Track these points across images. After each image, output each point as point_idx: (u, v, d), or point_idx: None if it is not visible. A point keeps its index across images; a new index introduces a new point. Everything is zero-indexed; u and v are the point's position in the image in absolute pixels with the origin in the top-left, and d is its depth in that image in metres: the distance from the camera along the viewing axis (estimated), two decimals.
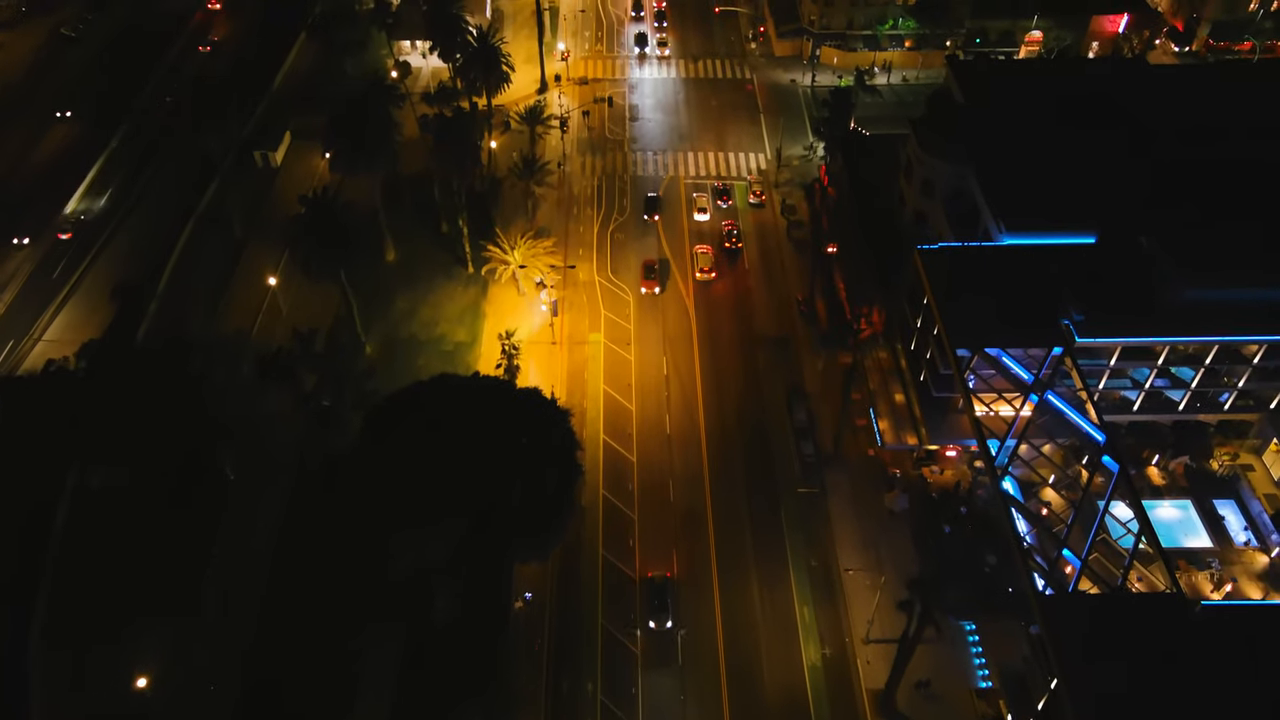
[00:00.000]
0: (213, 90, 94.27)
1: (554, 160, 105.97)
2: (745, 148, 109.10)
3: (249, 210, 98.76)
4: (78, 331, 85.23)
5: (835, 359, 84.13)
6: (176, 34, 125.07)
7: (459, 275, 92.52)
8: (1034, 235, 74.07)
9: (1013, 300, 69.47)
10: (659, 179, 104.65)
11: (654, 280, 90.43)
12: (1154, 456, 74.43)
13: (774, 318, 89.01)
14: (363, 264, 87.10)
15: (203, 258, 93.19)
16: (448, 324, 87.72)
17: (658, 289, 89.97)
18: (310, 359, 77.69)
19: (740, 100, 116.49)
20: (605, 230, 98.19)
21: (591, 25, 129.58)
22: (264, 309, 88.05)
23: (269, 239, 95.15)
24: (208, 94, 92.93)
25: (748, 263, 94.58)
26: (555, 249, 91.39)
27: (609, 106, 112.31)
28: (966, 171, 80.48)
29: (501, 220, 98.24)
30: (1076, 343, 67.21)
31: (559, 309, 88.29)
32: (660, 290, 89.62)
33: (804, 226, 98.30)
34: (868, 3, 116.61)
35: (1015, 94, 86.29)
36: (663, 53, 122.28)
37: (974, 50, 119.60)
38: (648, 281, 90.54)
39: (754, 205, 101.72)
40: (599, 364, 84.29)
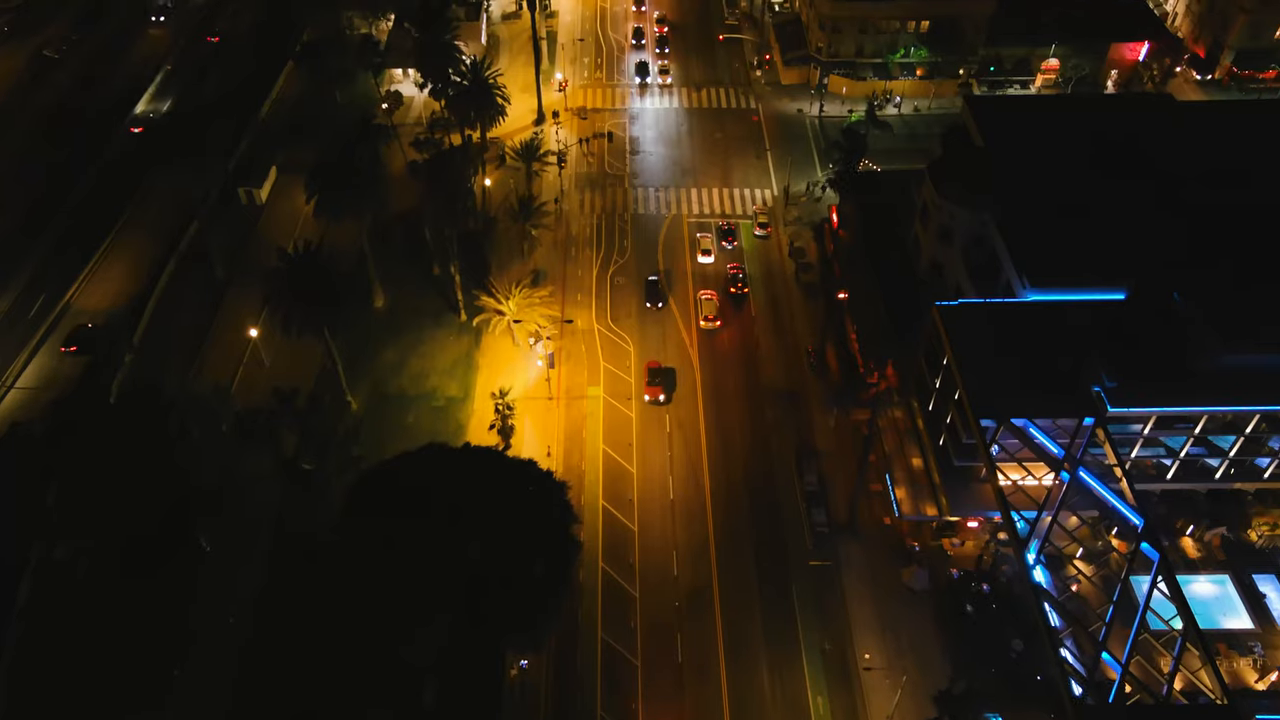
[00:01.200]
0: (191, 124, 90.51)
1: (551, 197, 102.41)
2: (751, 183, 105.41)
3: (232, 250, 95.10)
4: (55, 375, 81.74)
5: (848, 416, 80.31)
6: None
7: (451, 323, 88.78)
8: (1059, 291, 70.36)
9: (1039, 363, 65.85)
10: (661, 217, 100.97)
11: (659, 387, 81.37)
12: (1188, 527, 70.64)
13: (782, 369, 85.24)
14: (349, 311, 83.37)
15: (182, 303, 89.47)
16: (439, 377, 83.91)
17: (662, 396, 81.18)
18: (292, 419, 74.12)
19: (745, 132, 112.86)
20: (605, 273, 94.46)
21: (591, 52, 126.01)
22: (245, 360, 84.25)
23: (252, 282, 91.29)
24: (186, 128, 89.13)
25: (754, 309, 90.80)
26: (552, 297, 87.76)
27: (609, 142, 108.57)
28: (986, 220, 76.86)
29: (496, 262, 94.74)
30: (1108, 412, 63.41)
31: (556, 360, 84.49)
32: (665, 400, 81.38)
33: (813, 269, 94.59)
34: (878, 30, 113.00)
35: (1035, 134, 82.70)
36: (664, 81, 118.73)
37: (988, 79, 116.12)
38: (652, 388, 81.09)
39: (759, 237, 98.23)
40: (598, 421, 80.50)
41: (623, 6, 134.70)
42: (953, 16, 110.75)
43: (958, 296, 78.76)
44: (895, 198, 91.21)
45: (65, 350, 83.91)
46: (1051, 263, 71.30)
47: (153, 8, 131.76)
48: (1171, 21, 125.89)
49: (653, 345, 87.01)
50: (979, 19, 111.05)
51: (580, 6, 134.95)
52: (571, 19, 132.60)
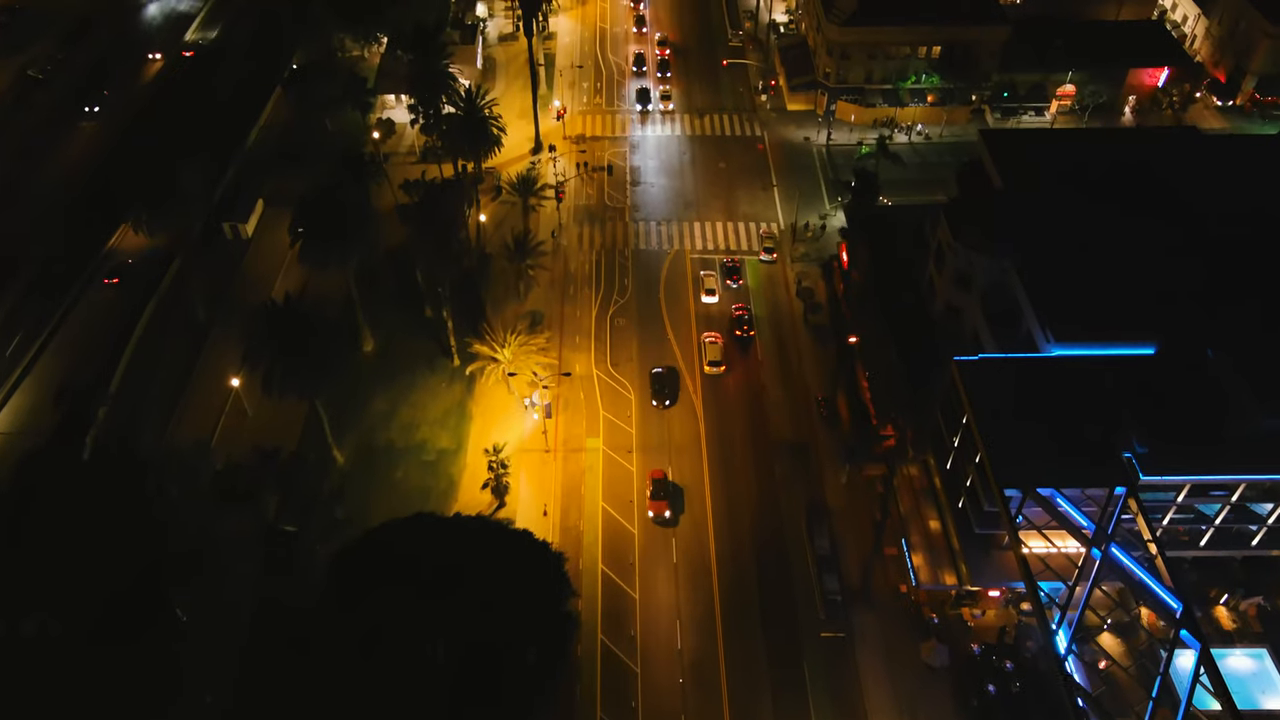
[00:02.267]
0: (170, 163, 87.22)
1: (549, 231, 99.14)
2: (757, 216, 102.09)
3: (215, 290, 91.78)
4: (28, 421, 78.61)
5: (860, 471, 76.94)
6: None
7: (443, 368, 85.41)
8: (1085, 346, 66.96)
9: (1065, 424, 62.37)
10: (663, 253, 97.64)
11: (664, 501, 73.70)
12: (1223, 596, 67.20)
13: (791, 419, 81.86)
14: (335, 364, 79.99)
15: (161, 349, 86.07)
16: (430, 428, 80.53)
17: (668, 513, 73.68)
18: (274, 478, 70.86)
19: (750, 161, 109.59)
20: (604, 314, 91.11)
21: (590, 76, 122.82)
22: (227, 410, 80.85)
23: (236, 324, 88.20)
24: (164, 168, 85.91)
25: (761, 353, 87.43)
26: (549, 343, 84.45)
27: (609, 174, 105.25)
28: (1006, 266, 73.45)
29: (491, 301, 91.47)
30: (1140, 480, 59.96)
31: (553, 409, 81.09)
32: (670, 513, 73.98)
33: (822, 310, 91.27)
34: (887, 56, 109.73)
35: (1054, 171, 79.21)
36: (666, 107, 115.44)
37: (1001, 105, 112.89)
38: (656, 503, 73.64)
39: (765, 262, 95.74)
40: (597, 475, 77.09)
41: (623, 28, 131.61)
42: (965, 42, 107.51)
43: (975, 343, 75.59)
44: (907, 234, 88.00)
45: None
46: (1076, 314, 67.90)
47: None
48: (1190, 44, 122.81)
49: None
50: (992, 44, 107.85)
51: (579, 28, 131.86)
52: (570, 41, 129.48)
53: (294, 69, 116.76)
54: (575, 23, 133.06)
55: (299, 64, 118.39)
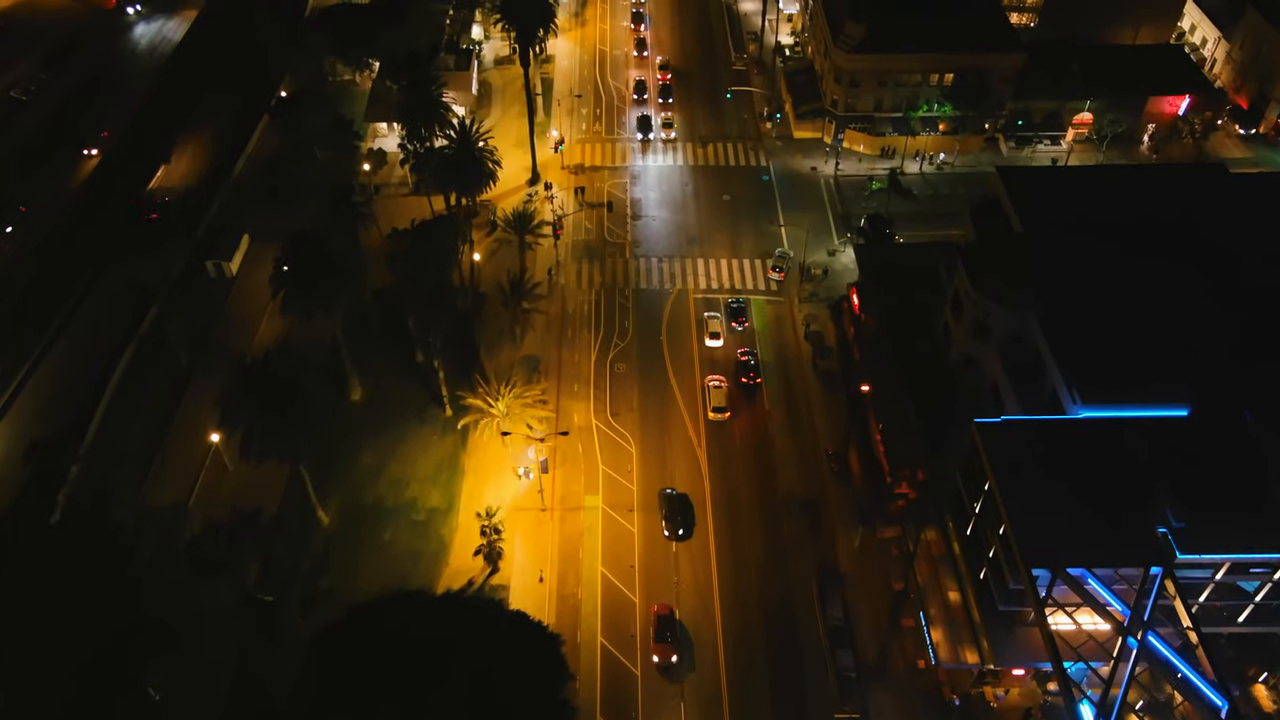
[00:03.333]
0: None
1: (546, 267, 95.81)
2: (763, 252, 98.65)
3: (197, 333, 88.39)
4: None
5: (874, 532, 73.46)
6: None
7: (435, 418, 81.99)
8: (1114, 408, 63.51)
9: (1094, 495, 58.97)
10: (665, 292, 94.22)
11: (668, 645, 66.39)
12: (1261, 674, 63.61)
13: (800, 473, 78.40)
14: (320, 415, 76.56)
15: (139, 398, 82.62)
16: (420, 484, 77.05)
17: (675, 657, 66.30)
18: (254, 544, 67.38)
19: (756, 193, 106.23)
20: (604, 358, 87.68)
21: (589, 103, 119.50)
22: (207, 464, 77.34)
23: (219, 370, 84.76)
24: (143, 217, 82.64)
25: (768, 401, 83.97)
26: (545, 393, 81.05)
27: (609, 211, 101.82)
28: (1028, 318, 70.01)
29: (485, 345, 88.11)
30: (1177, 559, 56.45)
31: (550, 464, 77.63)
32: (677, 659, 66.27)
33: (831, 355, 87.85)
34: (898, 84, 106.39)
35: (1076, 212, 75.80)
36: (668, 136, 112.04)
37: (1015, 133, 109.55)
38: (660, 646, 66.34)
39: (774, 280, 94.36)
40: (596, 537, 73.58)
41: (623, 50, 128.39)
42: (979, 69, 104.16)
43: (994, 397, 72.23)
44: (921, 276, 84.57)
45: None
46: (1104, 372, 64.44)
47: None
48: (1210, 68, 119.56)
49: (655, 444, 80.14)
50: (1007, 72, 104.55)
51: (578, 51, 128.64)
52: (569, 64, 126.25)
53: (282, 97, 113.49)
54: (574, 45, 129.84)
55: (287, 91, 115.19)
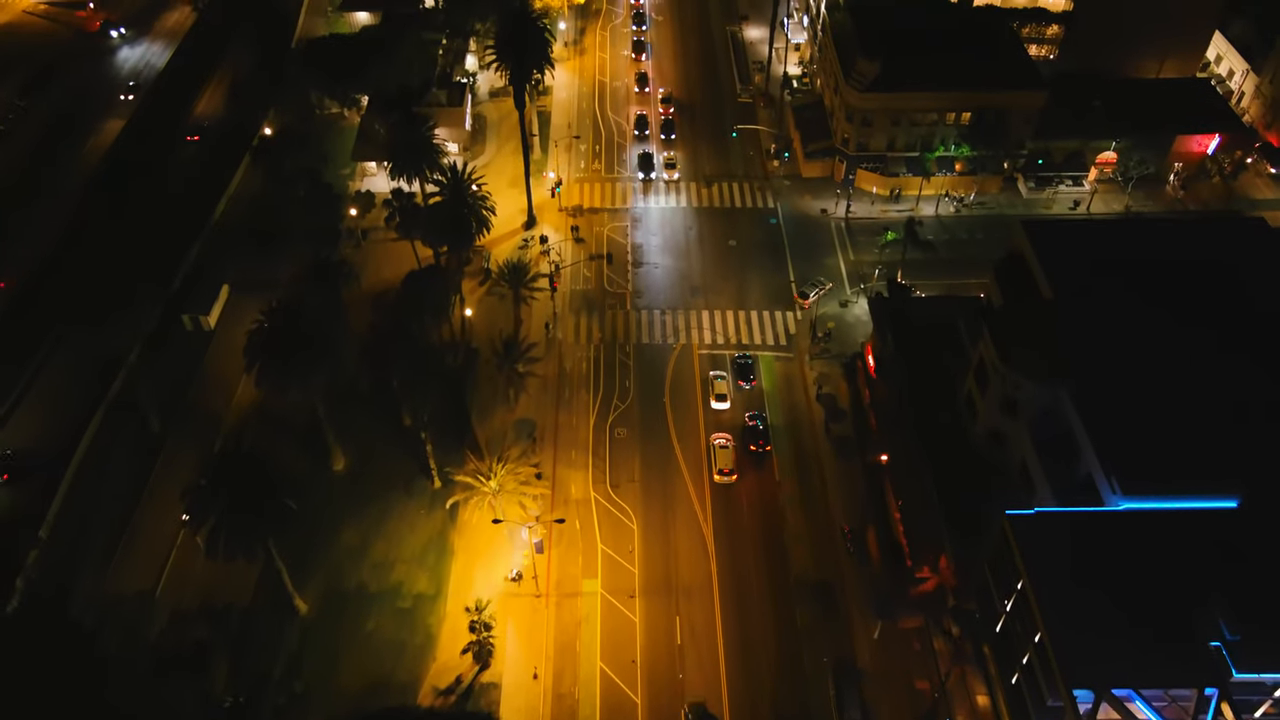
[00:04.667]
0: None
1: (542, 320, 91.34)
2: (770, 303, 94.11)
3: (172, 393, 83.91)
4: None
5: (895, 622, 68.78)
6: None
7: (422, 490, 77.43)
8: (1158, 499, 58.96)
9: (1139, 599, 54.46)
10: (667, 348, 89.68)
11: None
12: None
13: (814, 553, 73.81)
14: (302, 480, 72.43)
15: (105, 471, 78.00)
16: (406, 566, 72.44)
17: None
18: (224, 640, 62.87)
19: (763, 237, 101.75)
20: (604, 422, 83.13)
21: (588, 138, 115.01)
22: (179, 543, 72.68)
23: (194, 437, 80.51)
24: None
25: (778, 471, 79.37)
26: (539, 466, 76.52)
27: (608, 263, 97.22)
28: (1060, 394, 65.48)
29: (477, 408, 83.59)
30: (1234, 678, 51.82)
31: (545, 544, 73.04)
32: None
33: (845, 418, 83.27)
34: (913, 123, 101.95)
35: (1109, 271, 71.27)
36: (671, 176, 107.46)
37: (1036, 174, 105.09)
38: None
39: (800, 305, 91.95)
40: (595, 627, 68.93)
41: (623, 81, 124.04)
42: (998, 108, 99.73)
43: (1024, 476, 67.62)
44: (940, 336, 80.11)
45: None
46: (1145, 458, 59.97)
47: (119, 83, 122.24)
48: (1237, 101, 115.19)
49: (658, 520, 75.58)
50: (1028, 110, 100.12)
51: (576, 82, 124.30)
52: (567, 96, 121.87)
53: (265, 135, 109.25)
54: (572, 76, 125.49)
55: (272, 128, 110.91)
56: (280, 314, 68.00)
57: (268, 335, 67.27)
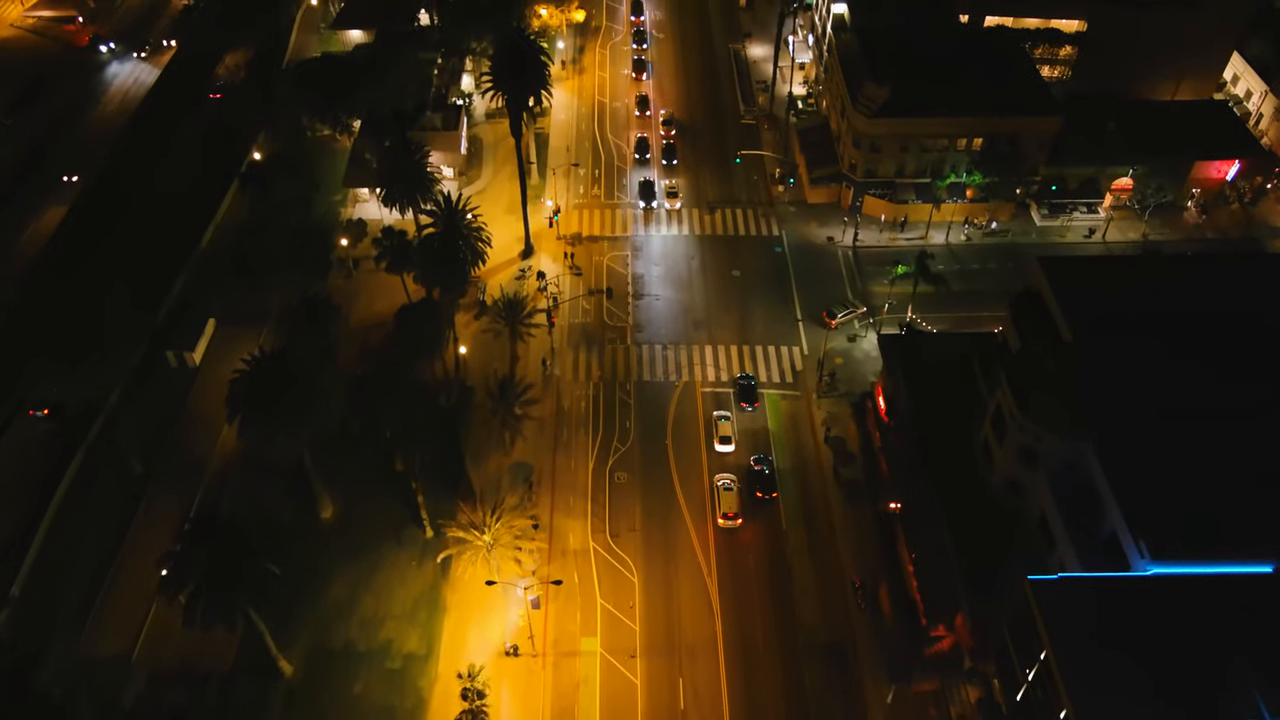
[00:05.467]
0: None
1: (539, 356, 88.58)
2: (776, 338, 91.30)
3: (154, 436, 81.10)
4: None
5: (909, 685, 65.90)
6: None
7: (414, 540, 74.59)
8: (1189, 565, 56.10)
9: (1172, 677, 51.48)
10: (669, 386, 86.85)
11: None
12: None
13: (823, 609, 70.95)
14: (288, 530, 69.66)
15: (84, 518, 75.16)
16: (396, 623, 69.54)
17: None
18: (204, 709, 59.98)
19: (767, 266, 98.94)
20: (603, 466, 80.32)
21: (587, 162, 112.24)
22: (155, 605, 69.45)
23: (178, 480, 77.80)
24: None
25: (785, 519, 76.50)
26: (535, 516, 73.77)
27: (608, 298, 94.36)
28: (1084, 449, 62.62)
29: (471, 451, 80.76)
30: None
31: (542, 600, 70.19)
32: None
33: (854, 461, 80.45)
34: (923, 149, 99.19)
35: (1131, 311, 68.42)
36: (673, 205, 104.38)
37: (1049, 200, 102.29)
38: None
39: (837, 325, 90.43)
40: (594, 690, 66.06)
41: (623, 102, 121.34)
42: (1011, 133, 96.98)
43: (1044, 529, 64.78)
44: (954, 375, 77.28)
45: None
46: (1174, 519, 57.11)
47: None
48: (1255, 123, 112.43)
49: (659, 573, 72.72)
50: (1042, 136, 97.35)
51: (575, 103, 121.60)
52: (565, 118, 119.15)
53: (255, 160, 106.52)
54: (571, 96, 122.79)
55: (262, 153, 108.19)
56: (264, 362, 65.01)
57: (250, 385, 64.31)
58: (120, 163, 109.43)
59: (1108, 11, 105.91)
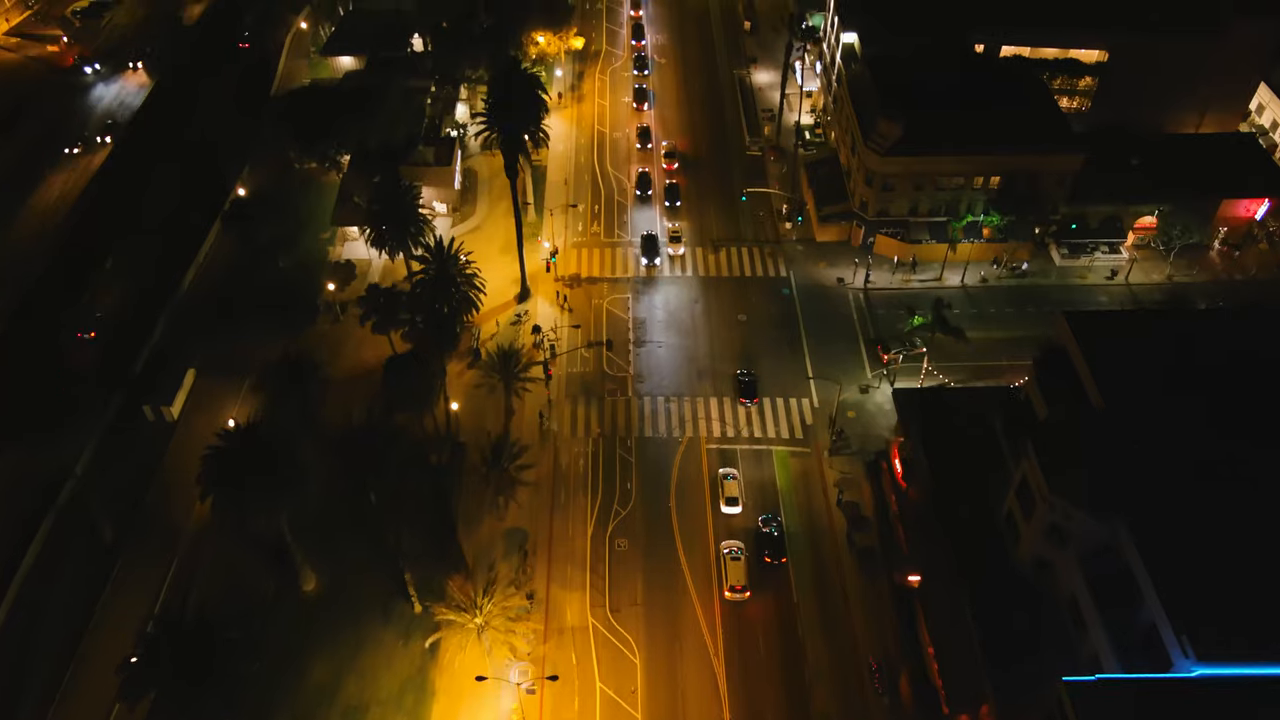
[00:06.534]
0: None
1: (535, 409, 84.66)
2: (785, 389, 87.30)
3: (128, 498, 77.20)
4: None
5: None
6: None
7: (401, 615, 70.69)
8: (1238, 665, 52.04)
9: None
10: (673, 442, 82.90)
11: None
12: None
13: (839, 695, 66.85)
14: (265, 607, 65.66)
15: (48, 594, 71.20)
16: (381, 710, 65.55)
17: None
18: None
19: (775, 312, 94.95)
20: (603, 531, 76.36)
21: (587, 197, 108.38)
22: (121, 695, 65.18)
23: (152, 550, 73.92)
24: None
25: (795, 590, 72.44)
26: (531, 591, 69.75)
27: (608, 349, 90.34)
28: (1118, 531, 58.62)
29: (464, 515, 76.78)
30: None
31: (537, 684, 66.12)
32: None
33: (869, 527, 76.40)
34: (937, 187, 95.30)
35: (1167, 375, 64.46)
36: (676, 250, 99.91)
37: (1069, 239, 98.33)
38: None
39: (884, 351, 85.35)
40: None
41: (624, 132, 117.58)
42: (1031, 171, 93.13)
43: (1074, 611, 60.78)
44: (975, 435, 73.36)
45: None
46: (1221, 615, 53.08)
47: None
48: (1276, 153, 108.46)
49: (663, 653, 68.65)
50: (1063, 174, 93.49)
51: (574, 132, 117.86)
52: (564, 148, 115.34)
53: (239, 196, 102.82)
54: (570, 125, 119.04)
55: (246, 189, 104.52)
56: (239, 437, 61.04)
57: (225, 462, 60.30)
58: (99, 197, 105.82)
59: (1131, 41, 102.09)
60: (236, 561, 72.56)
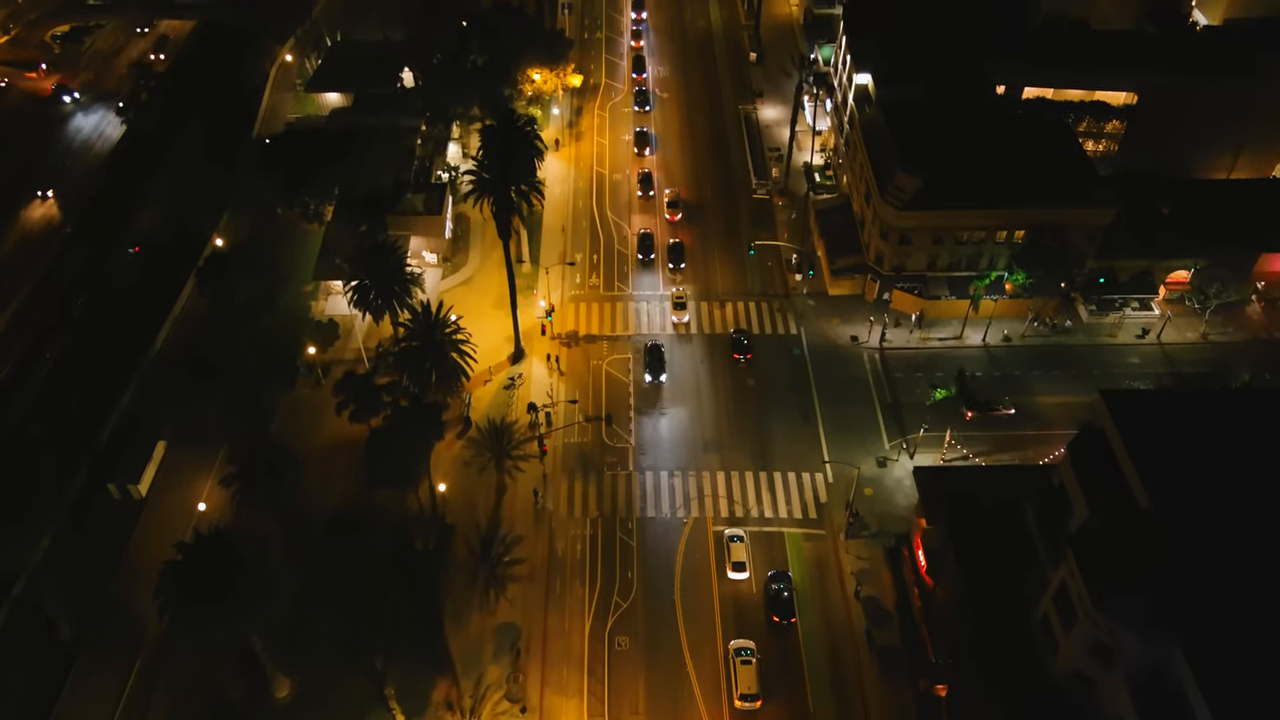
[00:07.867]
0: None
1: (530, 486, 79.48)
2: (796, 461, 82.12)
3: (89, 588, 72.02)
4: None
5: None
6: None
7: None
8: None
9: None
10: (677, 524, 77.67)
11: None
12: None
13: None
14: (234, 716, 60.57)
15: None
16: None
17: None
18: None
19: (785, 374, 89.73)
20: (602, 626, 71.10)
21: (585, 245, 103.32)
22: None
23: (113, 648, 68.72)
24: None
25: (812, 698, 67.11)
26: (522, 701, 64.41)
27: (608, 425, 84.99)
28: (1169, 652, 53.39)
29: (451, 610, 71.52)
30: None
31: None
32: None
33: (890, 623, 71.13)
34: (957, 241, 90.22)
35: (1222, 464, 59.30)
36: (680, 318, 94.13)
37: (1097, 295, 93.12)
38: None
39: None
40: None
41: (625, 174, 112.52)
42: (1058, 225, 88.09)
43: None
44: (1006, 519, 68.21)
45: None
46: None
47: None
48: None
49: None
50: (1092, 228, 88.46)
51: (572, 175, 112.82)
52: (561, 191, 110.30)
53: (216, 247, 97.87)
54: (567, 166, 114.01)
55: (224, 240, 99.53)
56: (201, 547, 55.82)
57: (185, 577, 55.04)
58: (67, 255, 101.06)
59: (1163, 82, 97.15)
60: (203, 666, 67.21)
